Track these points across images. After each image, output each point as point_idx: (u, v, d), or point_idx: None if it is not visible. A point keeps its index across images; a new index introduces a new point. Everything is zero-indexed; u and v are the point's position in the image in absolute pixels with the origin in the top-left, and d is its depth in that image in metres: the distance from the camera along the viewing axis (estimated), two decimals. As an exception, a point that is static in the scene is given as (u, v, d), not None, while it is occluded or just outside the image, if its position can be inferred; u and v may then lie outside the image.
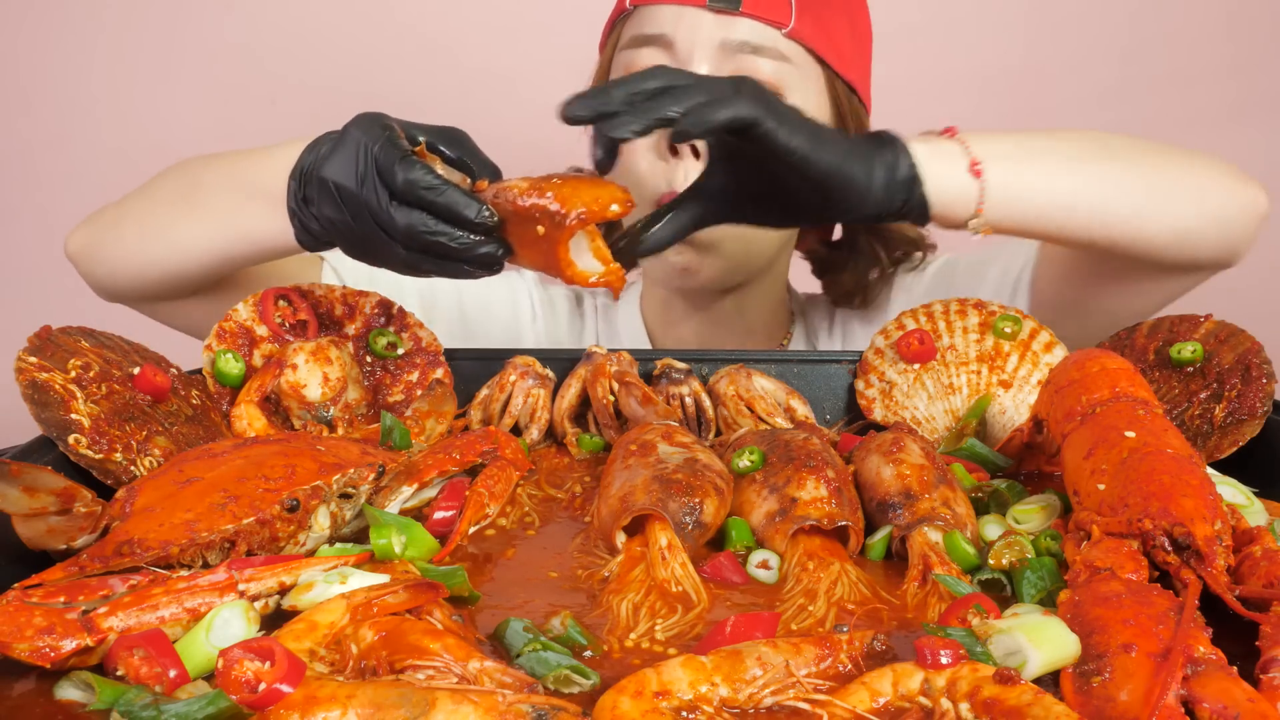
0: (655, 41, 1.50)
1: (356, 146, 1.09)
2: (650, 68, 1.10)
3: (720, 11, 1.47)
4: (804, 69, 1.51)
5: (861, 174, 1.11)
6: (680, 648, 0.85)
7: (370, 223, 1.09)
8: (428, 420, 1.23)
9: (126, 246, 1.38)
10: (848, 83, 1.56)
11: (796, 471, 1.04)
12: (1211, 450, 1.17)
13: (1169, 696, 0.71)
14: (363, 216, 1.09)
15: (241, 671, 0.72)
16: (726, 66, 1.48)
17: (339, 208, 1.11)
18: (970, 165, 1.18)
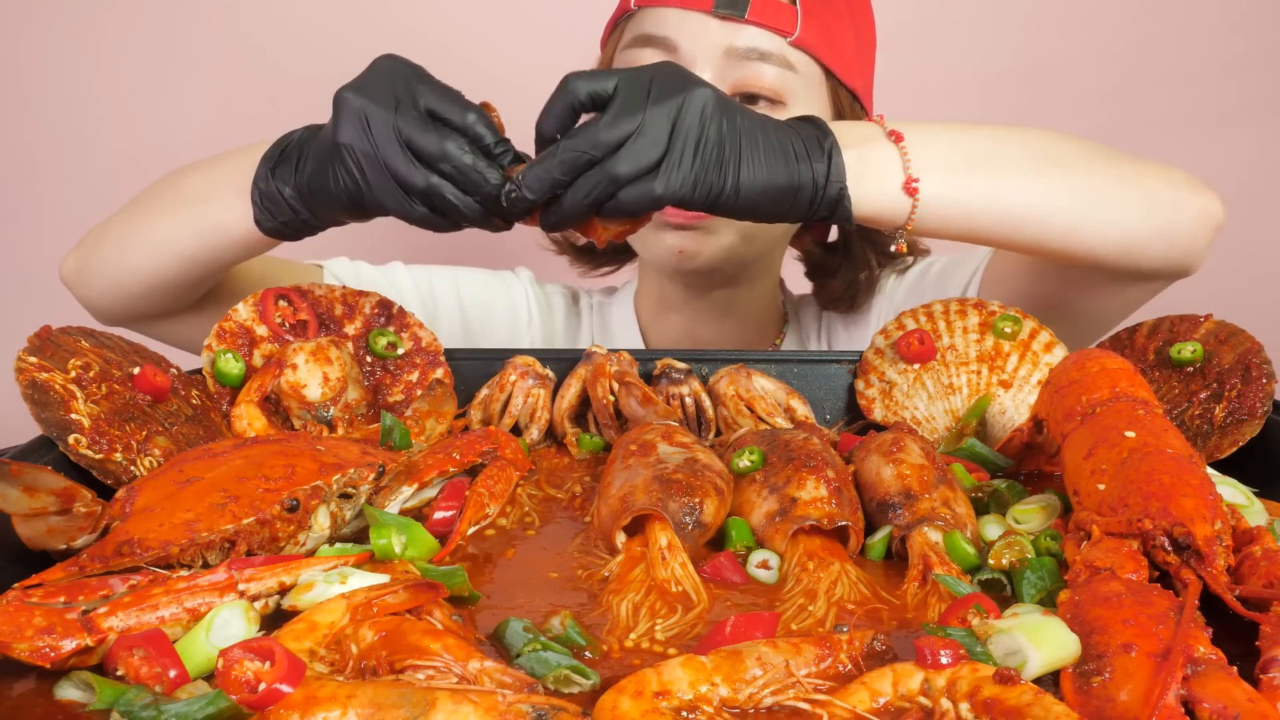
0: (659, 43, 1.50)
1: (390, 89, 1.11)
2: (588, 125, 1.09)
3: (725, 18, 1.47)
4: (808, 77, 1.51)
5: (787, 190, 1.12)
6: (680, 648, 0.85)
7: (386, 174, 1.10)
8: (428, 420, 1.23)
9: (109, 259, 1.37)
10: (850, 90, 1.56)
11: (796, 471, 1.04)
12: (1211, 450, 1.17)
13: (1169, 696, 0.71)
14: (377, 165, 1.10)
15: (241, 671, 0.72)
16: (730, 74, 1.48)
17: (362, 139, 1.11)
18: (906, 182, 1.17)
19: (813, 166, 1.13)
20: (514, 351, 1.34)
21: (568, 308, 1.83)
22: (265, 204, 1.22)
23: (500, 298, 1.77)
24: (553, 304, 1.82)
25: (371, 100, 1.10)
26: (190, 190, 1.33)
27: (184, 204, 1.32)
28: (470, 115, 1.11)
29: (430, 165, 1.10)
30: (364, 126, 1.10)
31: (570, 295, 1.85)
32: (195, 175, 1.35)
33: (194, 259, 1.32)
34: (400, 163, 1.10)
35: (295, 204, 1.21)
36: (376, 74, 1.13)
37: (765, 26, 1.48)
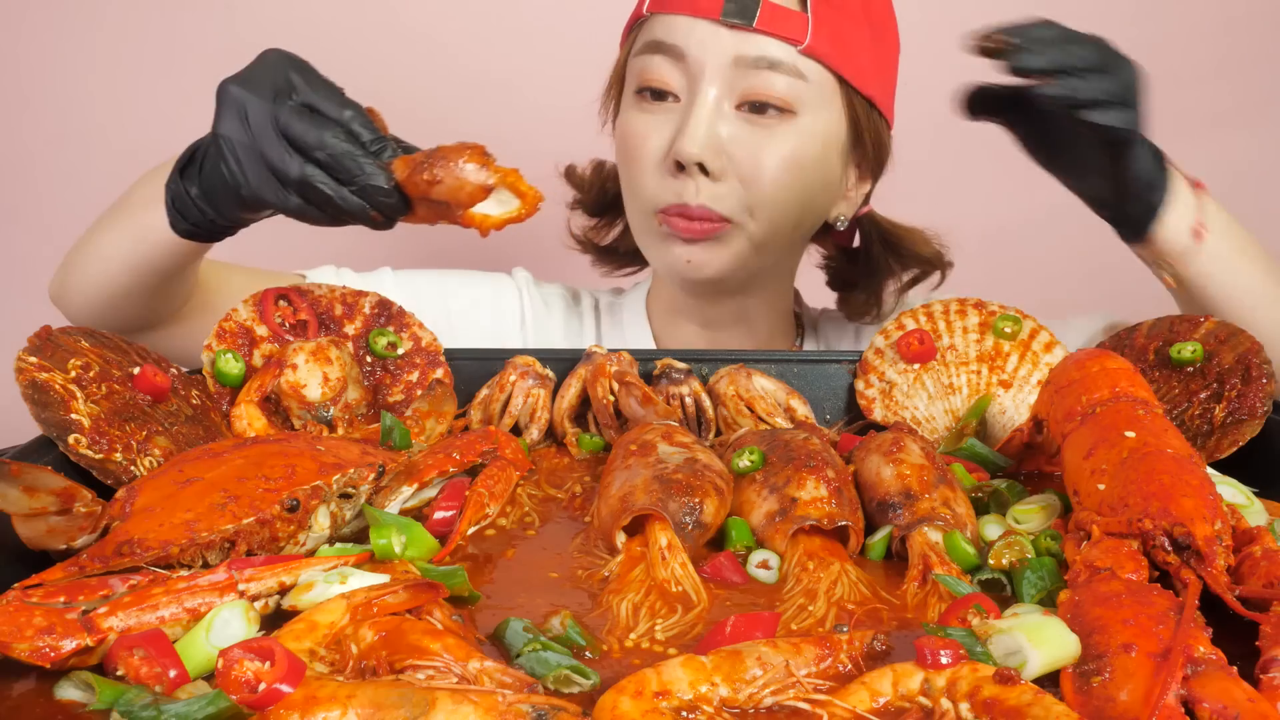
0: (668, 51, 1.49)
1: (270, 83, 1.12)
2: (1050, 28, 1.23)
3: (734, 26, 1.45)
4: (820, 86, 1.50)
5: (1143, 182, 1.25)
6: (680, 648, 0.85)
7: (262, 165, 1.11)
8: (428, 420, 1.23)
9: (76, 275, 1.37)
10: (867, 98, 1.54)
11: (796, 471, 1.04)
12: (1211, 450, 1.17)
13: (1169, 696, 0.71)
14: (254, 156, 1.11)
15: (241, 671, 0.72)
16: (739, 82, 1.47)
17: (241, 131, 1.12)
18: (1196, 227, 1.28)
19: (1159, 176, 1.25)
20: (514, 351, 1.34)
21: (567, 308, 1.82)
22: (176, 206, 1.23)
23: (488, 301, 1.76)
24: (551, 305, 1.80)
25: (251, 91, 1.11)
26: (132, 199, 1.33)
27: (125, 213, 1.32)
28: (347, 111, 1.11)
29: (306, 155, 1.10)
30: (242, 117, 1.11)
31: (571, 295, 1.84)
32: (140, 183, 1.35)
33: (135, 267, 1.32)
34: (275, 151, 1.10)
35: (201, 203, 1.21)
36: (259, 66, 1.14)
37: (775, 35, 1.46)
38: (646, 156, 1.52)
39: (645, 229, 1.57)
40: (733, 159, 1.47)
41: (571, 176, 1.79)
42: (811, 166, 1.51)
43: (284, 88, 1.12)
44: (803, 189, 1.51)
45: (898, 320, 1.38)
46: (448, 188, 1.09)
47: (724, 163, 1.47)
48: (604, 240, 1.83)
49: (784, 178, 1.49)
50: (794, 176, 1.50)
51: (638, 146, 1.53)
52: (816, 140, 1.50)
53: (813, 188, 1.53)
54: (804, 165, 1.50)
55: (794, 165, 1.49)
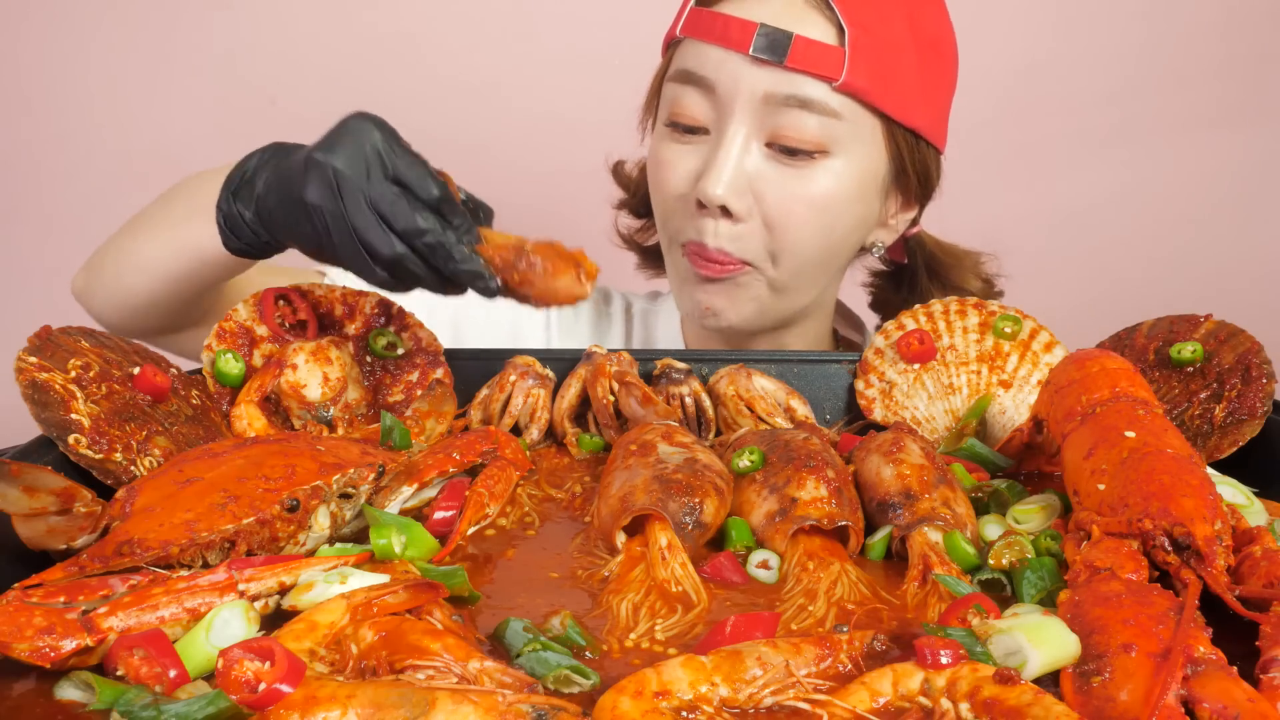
0: (698, 82, 1.44)
1: (361, 154, 1.10)
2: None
3: (764, 63, 1.39)
4: (856, 123, 1.42)
5: None
6: (680, 648, 0.85)
7: (352, 239, 1.10)
8: (428, 420, 1.23)
9: (109, 279, 1.38)
10: (912, 130, 1.47)
11: (796, 471, 1.04)
12: (1211, 450, 1.17)
13: (1169, 696, 0.71)
14: (345, 229, 1.10)
15: (241, 671, 0.72)
16: (769, 120, 1.41)
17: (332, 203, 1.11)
18: None
19: None
20: (514, 351, 1.34)
21: (596, 311, 1.78)
22: (228, 226, 1.23)
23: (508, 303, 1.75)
24: (580, 305, 1.77)
25: (342, 164, 1.10)
26: (175, 210, 1.33)
27: (168, 224, 1.32)
28: (436, 190, 1.11)
29: (400, 237, 1.10)
30: (334, 191, 1.10)
31: (601, 297, 1.80)
32: (181, 194, 1.35)
33: (179, 278, 1.33)
34: (372, 232, 1.10)
35: (256, 227, 1.21)
36: (347, 136, 1.13)
37: (808, 73, 1.38)
38: (672, 188, 1.48)
39: (670, 260, 1.55)
40: (759, 200, 1.43)
41: (618, 175, 1.75)
42: (843, 208, 1.46)
43: (374, 159, 1.11)
44: (830, 230, 1.46)
45: (898, 320, 1.38)
46: (537, 291, 1.13)
47: (749, 204, 1.43)
48: (648, 241, 1.79)
49: (811, 222, 1.44)
50: (822, 220, 1.45)
51: (665, 178, 1.49)
52: (850, 181, 1.45)
53: (843, 227, 1.48)
54: (835, 209, 1.45)
55: (823, 209, 1.44)
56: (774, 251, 1.45)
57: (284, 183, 1.16)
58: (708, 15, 1.43)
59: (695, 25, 1.45)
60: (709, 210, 1.43)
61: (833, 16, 1.39)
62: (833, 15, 1.39)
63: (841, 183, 1.44)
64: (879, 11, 1.41)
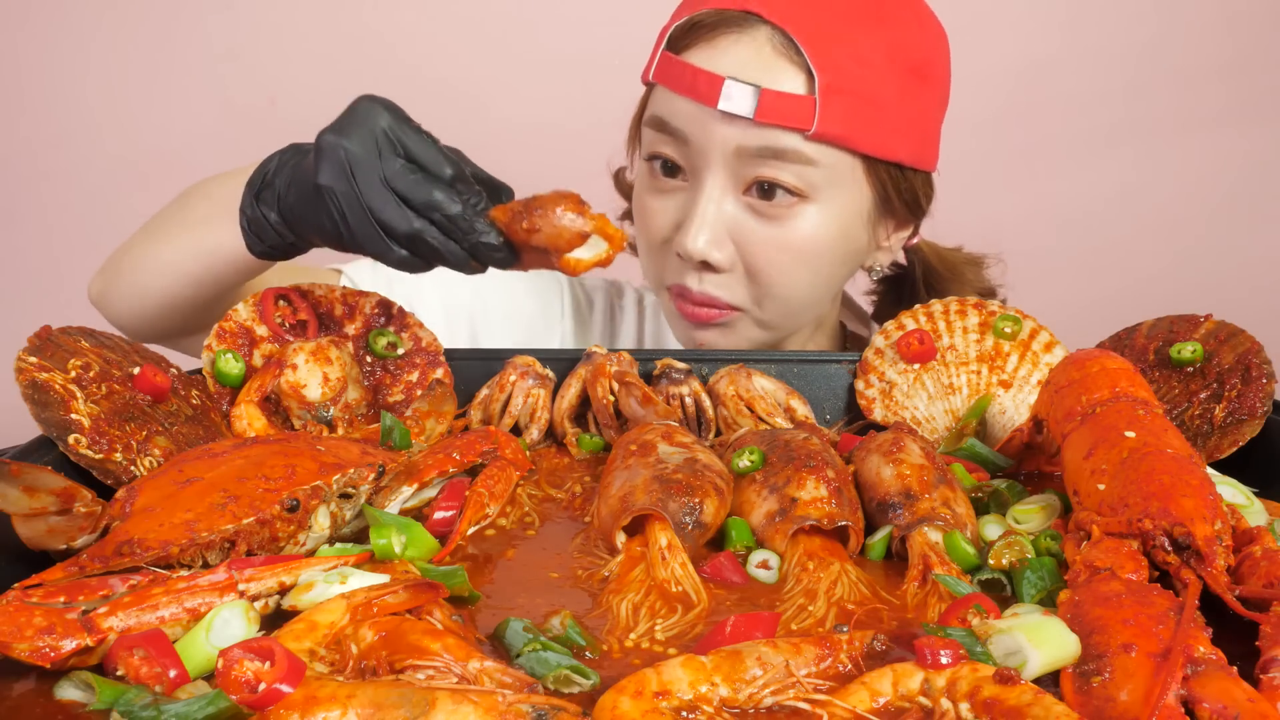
0: (672, 133, 1.42)
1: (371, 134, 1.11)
2: None
3: (733, 118, 1.36)
4: (834, 168, 1.39)
5: None
6: (680, 648, 0.85)
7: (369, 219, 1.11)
8: (428, 420, 1.23)
9: (127, 283, 1.38)
10: (895, 163, 1.44)
11: (796, 471, 1.04)
12: (1211, 450, 1.17)
13: (1169, 696, 0.71)
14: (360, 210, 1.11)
15: (241, 671, 0.72)
16: (744, 172, 1.38)
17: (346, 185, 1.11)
18: None
19: None
20: (514, 351, 1.34)
21: (609, 304, 1.77)
22: (252, 229, 1.23)
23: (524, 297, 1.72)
24: (594, 300, 1.76)
25: (354, 145, 1.11)
26: (193, 213, 1.34)
27: (188, 227, 1.33)
28: (448, 167, 1.12)
29: (418, 213, 1.11)
30: (347, 172, 1.11)
31: (615, 290, 1.79)
32: (199, 197, 1.36)
33: (200, 281, 1.34)
34: (387, 209, 1.11)
35: (281, 229, 1.22)
36: (358, 116, 1.13)
37: (777, 125, 1.35)
38: (656, 234, 1.47)
39: (661, 299, 1.54)
40: (741, 249, 1.41)
41: (619, 183, 1.72)
42: (828, 248, 1.44)
43: (384, 139, 1.12)
44: (816, 272, 1.45)
45: (898, 320, 1.38)
46: (546, 236, 1.12)
47: (730, 254, 1.41)
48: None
49: (796, 268, 1.43)
50: (807, 265, 1.43)
51: (648, 223, 1.49)
52: (832, 225, 1.42)
53: (830, 266, 1.46)
54: (819, 253, 1.43)
55: (807, 255, 1.42)
56: (759, 298, 1.44)
57: (300, 174, 1.17)
58: (677, 65, 1.40)
59: (666, 73, 1.43)
60: (690, 262, 1.43)
61: (802, 63, 1.35)
62: (802, 61, 1.35)
63: (823, 228, 1.42)
64: (852, 50, 1.36)
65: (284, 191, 1.19)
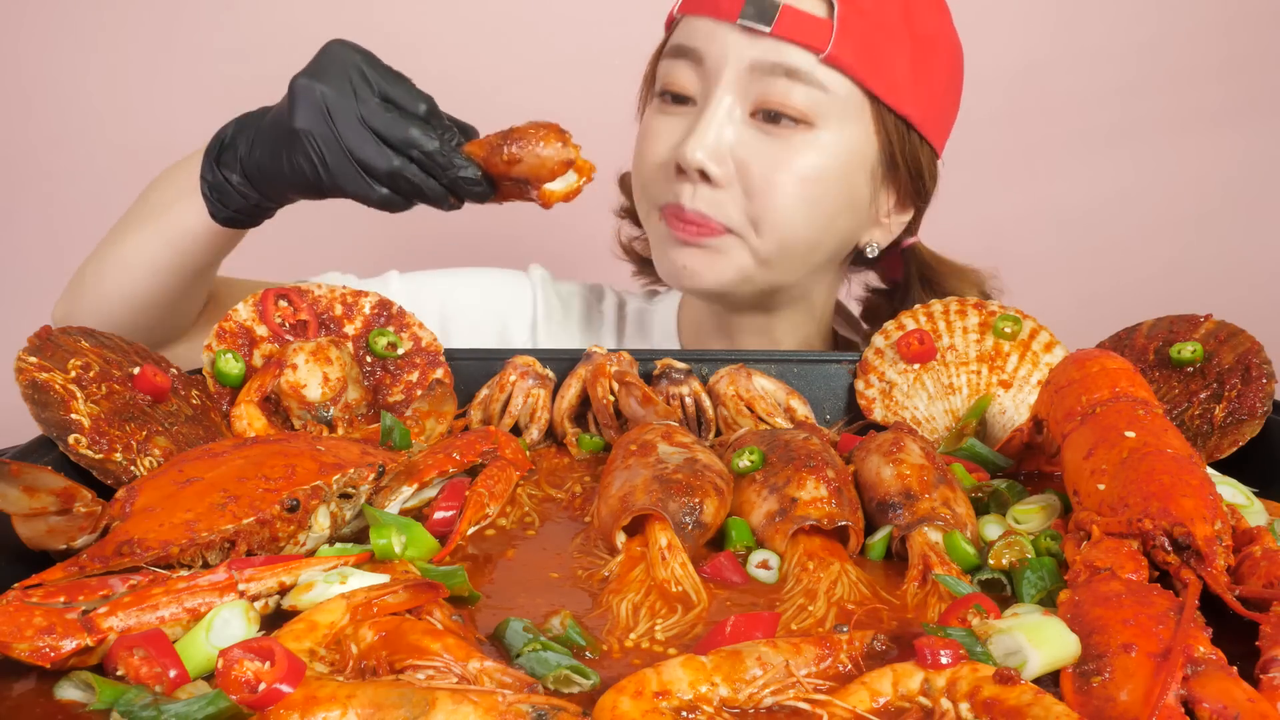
0: (689, 55, 1.45)
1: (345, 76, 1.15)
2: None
3: (750, 30, 1.40)
4: (844, 100, 1.41)
5: None
6: (680, 648, 0.85)
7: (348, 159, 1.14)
8: (428, 420, 1.23)
9: (91, 291, 1.37)
10: (903, 117, 1.45)
11: (796, 471, 1.04)
12: (1211, 450, 1.17)
13: (1169, 696, 0.71)
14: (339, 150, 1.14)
15: (241, 671, 0.72)
16: (754, 90, 1.41)
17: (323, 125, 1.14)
18: None
19: None
20: (514, 351, 1.34)
21: (587, 309, 1.76)
22: (214, 195, 1.25)
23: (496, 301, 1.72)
24: (569, 304, 1.75)
25: (330, 86, 1.14)
26: (153, 202, 1.34)
27: (148, 218, 1.33)
28: (422, 104, 1.16)
29: (396, 150, 1.14)
30: (324, 113, 1.14)
31: (593, 295, 1.78)
32: (156, 187, 1.36)
33: (166, 269, 1.33)
34: (365, 147, 1.14)
35: (244, 189, 1.23)
36: (331, 59, 1.17)
37: (793, 41, 1.39)
38: (654, 156, 1.48)
39: (650, 228, 1.54)
40: (741, 169, 1.42)
41: (624, 185, 1.73)
42: (829, 185, 1.44)
43: (359, 80, 1.15)
44: (813, 206, 1.44)
45: (898, 320, 1.38)
46: (528, 166, 1.16)
47: (728, 171, 1.42)
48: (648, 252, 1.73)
49: (792, 193, 1.42)
50: (807, 192, 1.43)
51: (648, 146, 1.50)
52: (837, 157, 1.43)
53: (828, 206, 1.45)
54: (818, 182, 1.43)
55: (807, 181, 1.42)
56: (755, 219, 1.43)
57: (271, 126, 1.19)
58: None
59: (690, 1, 1.47)
60: (687, 175, 1.43)
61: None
62: None
63: (826, 158, 1.42)
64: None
65: (246, 151, 1.21)
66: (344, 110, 1.14)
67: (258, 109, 1.26)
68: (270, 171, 1.20)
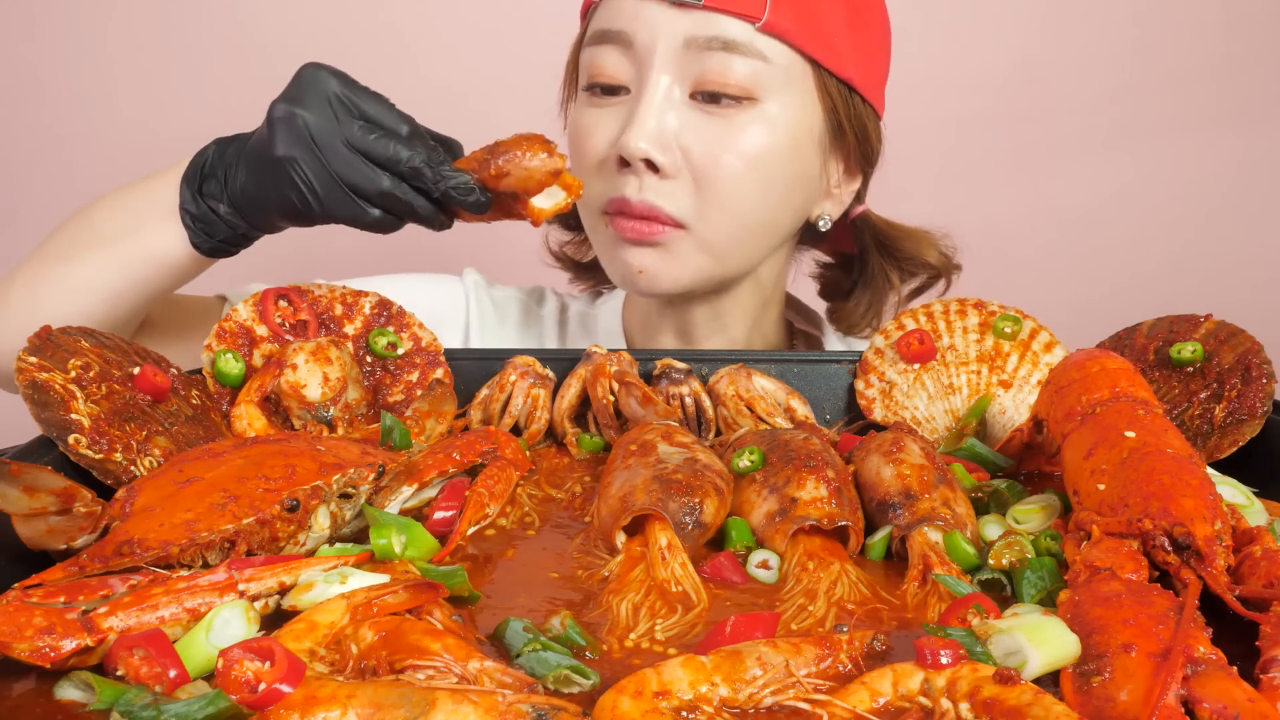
0: (615, 39, 1.38)
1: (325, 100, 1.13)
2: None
3: (683, 5, 1.33)
4: (786, 68, 1.36)
5: None
6: (680, 648, 0.85)
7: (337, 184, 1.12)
8: (428, 420, 1.23)
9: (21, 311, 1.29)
10: (844, 81, 1.41)
11: (796, 471, 1.04)
12: (1211, 450, 1.17)
13: (1169, 696, 0.71)
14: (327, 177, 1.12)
15: (241, 671, 0.72)
16: (692, 68, 1.34)
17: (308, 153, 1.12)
18: None
19: None
20: (514, 351, 1.34)
21: (525, 314, 1.69)
22: (198, 226, 1.22)
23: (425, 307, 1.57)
24: (505, 310, 1.68)
25: (310, 112, 1.12)
26: (107, 227, 1.29)
27: (105, 242, 1.28)
28: (404, 125, 1.14)
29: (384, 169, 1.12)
30: (307, 139, 1.12)
31: (533, 299, 1.72)
32: (106, 211, 1.30)
33: (122, 294, 1.29)
34: (354, 170, 1.12)
35: (232, 219, 1.21)
36: (304, 84, 1.14)
37: (727, 12, 1.32)
38: (592, 153, 1.41)
39: (596, 234, 1.47)
40: (687, 154, 1.36)
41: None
42: (779, 161, 1.39)
43: (338, 103, 1.13)
44: (767, 187, 1.39)
45: (898, 320, 1.38)
46: (516, 179, 1.15)
47: (674, 158, 1.35)
48: (585, 256, 1.70)
49: (745, 175, 1.37)
50: (757, 173, 1.37)
51: (583, 143, 1.42)
52: (784, 130, 1.38)
53: (781, 184, 1.41)
54: (769, 160, 1.38)
55: (757, 160, 1.37)
56: (704, 209, 1.37)
57: (251, 155, 1.16)
58: None
59: None
60: (632, 167, 1.36)
61: None
62: None
63: (774, 133, 1.37)
64: None
65: (230, 179, 1.18)
66: (327, 134, 1.11)
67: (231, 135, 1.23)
68: (257, 200, 1.17)
